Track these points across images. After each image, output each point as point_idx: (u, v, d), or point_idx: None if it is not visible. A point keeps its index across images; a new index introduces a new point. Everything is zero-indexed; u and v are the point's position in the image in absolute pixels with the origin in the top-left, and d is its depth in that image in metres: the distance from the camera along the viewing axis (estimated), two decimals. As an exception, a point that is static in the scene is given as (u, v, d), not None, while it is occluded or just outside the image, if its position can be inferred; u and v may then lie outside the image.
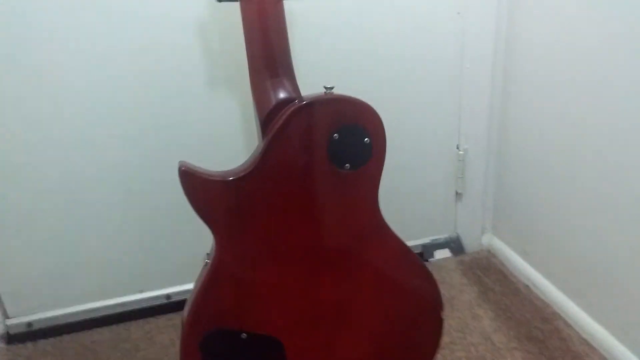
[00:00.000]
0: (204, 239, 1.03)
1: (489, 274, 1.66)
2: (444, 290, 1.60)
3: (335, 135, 0.95)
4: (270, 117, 0.95)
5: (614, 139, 1.19)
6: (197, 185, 0.92)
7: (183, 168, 0.91)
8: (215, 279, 0.97)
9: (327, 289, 1.03)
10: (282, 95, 0.95)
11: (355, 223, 1.02)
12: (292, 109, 0.92)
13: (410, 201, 1.66)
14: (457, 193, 1.70)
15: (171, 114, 1.37)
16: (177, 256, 1.53)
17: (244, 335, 1.01)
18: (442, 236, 1.76)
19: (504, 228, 1.71)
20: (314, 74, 1.36)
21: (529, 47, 1.43)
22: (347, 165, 0.97)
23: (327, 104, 0.93)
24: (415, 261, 1.10)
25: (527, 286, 1.59)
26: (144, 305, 1.57)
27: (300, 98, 0.94)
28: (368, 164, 0.98)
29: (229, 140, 1.44)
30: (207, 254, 1.03)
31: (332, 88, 0.96)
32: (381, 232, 1.04)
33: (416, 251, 1.70)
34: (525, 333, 1.40)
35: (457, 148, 1.63)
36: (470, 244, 1.76)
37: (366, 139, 0.97)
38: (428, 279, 1.12)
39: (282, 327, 1.03)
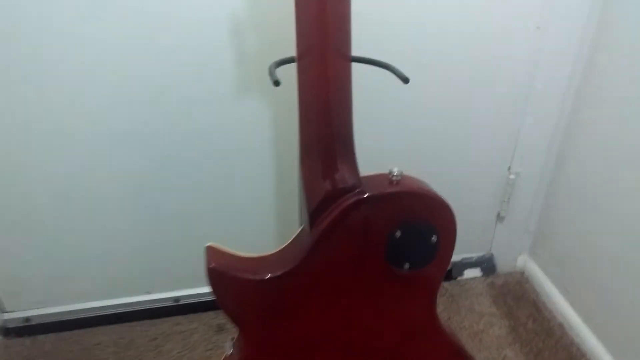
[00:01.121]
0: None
1: (521, 304, 1.55)
2: (471, 320, 1.49)
3: (397, 232, 0.78)
4: (323, 206, 0.78)
5: None
6: (228, 286, 0.78)
7: (212, 265, 0.76)
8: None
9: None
10: (339, 183, 0.77)
11: (406, 323, 0.88)
12: (350, 202, 0.76)
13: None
14: (499, 215, 1.55)
15: (193, 117, 1.21)
16: (188, 259, 1.41)
17: None
18: (474, 254, 1.62)
19: (542, 254, 1.59)
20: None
21: (610, 76, 1.23)
22: (406, 265, 0.81)
23: (393, 199, 0.76)
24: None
25: (561, 325, 1.47)
26: (151, 306, 1.46)
27: (361, 187, 0.77)
28: (431, 264, 0.82)
29: (257, 148, 1.28)
30: (232, 338, 0.89)
31: (399, 175, 0.78)
32: (433, 332, 0.90)
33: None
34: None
35: (509, 170, 1.45)
36: (503, 264, 1.64)
37: (433, 238, 0.80)
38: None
39: None
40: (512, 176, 1.47)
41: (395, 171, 0.79)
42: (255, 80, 1.18)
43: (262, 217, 1.39)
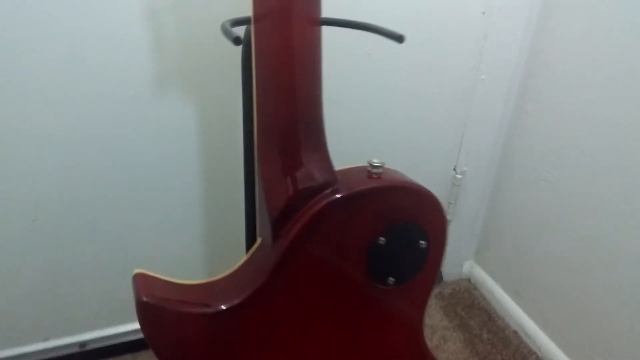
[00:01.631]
0: (126, 274, 0.70)
1: (472, 314, 1.43)
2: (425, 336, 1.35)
3: (380, 239, 0.62)
4: (289, 211, 0.60)
5: (626, 181, 1.04)
6: (167, 324, 0.57)
7: (145, 299, 0.55)
8: None
9: None
10: (309, 181, 0.59)
11: (389, 348, 0.71)
12: (324, 203, 0.58)
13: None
14: (444, 219, 1.43)
15: (98, 120, 0.98)
16: (96, 293, 1.16)
17: None
18: (419, 264, 1.49)
19: (489, 258, 1.49)
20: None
21: (555, 65, 1.17)
22: (390, 279, 0.65)
23: (375, 197, 0.60)
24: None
25: (516, 332, 1.37)
26: (52, 355, 1.20)
27: (336, 184, 0.60)
28: (419, 275, 0.66)
29: (180, 157, 1.07)
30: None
31: (381, 166, 0.62)
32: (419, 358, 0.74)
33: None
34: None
35: (454, 170, 1.34)
36: (449, 272, 1.53)
37: (422, 242, 0.65)
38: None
39: None
40: (458, 176, 1.35)
41: (376, 162, 0.63)
42: (176, 72, 0.98)
43: (191, 237, 1.17)
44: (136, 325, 1.21)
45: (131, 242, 1.12)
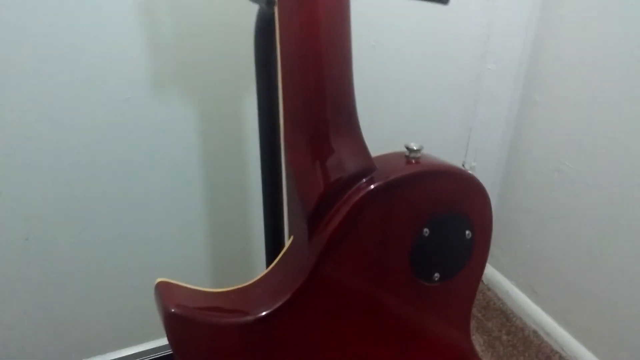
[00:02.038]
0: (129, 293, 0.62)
1: (489, 315, 1.38)
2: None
3: (425, 230, 0.56)
4: (325, 203, 0.53)
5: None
6: (199, 336, 0.50)
7: (173, 309, 0.49)
8: None
9: None
10: (346, 168, 0.53)
11: (435, 351, 0.64)
12: (365, 192, 0.52)
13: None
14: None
15: (89, 122, 0.90)
16: (93, 318, 1.08)
17: None
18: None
19: (502, 257, 1.44)
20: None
21: (560, 53, 1.13)
22: (435, 275, 0.59)
23: (419, 182, 0.54)
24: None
25: (535, 332, 1.32)
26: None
27: (373, 171, 0.54)
28: (465, 269, 0.60)
29: (180, 159, 1.00)
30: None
31: (419, 150, 0.56)
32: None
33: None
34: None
35: (463, 166, 1.29)
36: (460, 274, 1.46)
37: (467, 233, 0.59)
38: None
39: None
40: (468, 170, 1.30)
41: (414, 146, 0.57)
42: (174, 70, 0.92)
43: (193, 244, 1.10)
44: (138, 349, 1.14)
45: (130, 253, 1.04)
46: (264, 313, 0.52)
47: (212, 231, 1.09)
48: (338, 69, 0.52)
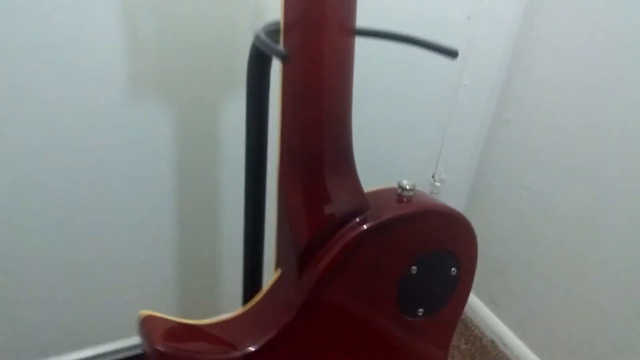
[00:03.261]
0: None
1: (449, 324, 1.40)
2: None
3: (413, 268, 0.56)
4: (318, 239, 0.53)
5: (609, 190, 1.04)
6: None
7: (159, 347, 0.48)
8: None
9: None
10: (341, 207, 0.53)
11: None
12: (360, 231, 0.52)
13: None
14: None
15: (53, 130, 0.86)
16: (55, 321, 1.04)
17: None
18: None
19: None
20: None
21: (536, 72, 1.16)
22: (420, 310, 0.60)
23: (411, 222, 0.54)
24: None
25: (492, 342, 1.35)
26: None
27: (367, 210, 0.54)
28: (448, 304, 0.61)
29: (154, 169, 0.96)
30: None
31: (412, 189, 0.56)
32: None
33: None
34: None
35: (433, 178, 1.30)
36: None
37: (453, 270, 0.60)
38: None
39: None
40: (437, 183, 1.32)
41: (406, 184, 0.57)
42: (151, 78, 0.89)
43: (163, 264, 1.08)
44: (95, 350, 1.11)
45: (98, 265, 1.01)
46: (252, 349, 0.52)
47: (184, 246, 1.07)
48: (338, 111, 0.52)
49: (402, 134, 1.20)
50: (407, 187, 0.57)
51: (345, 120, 0.52)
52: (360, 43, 0.81)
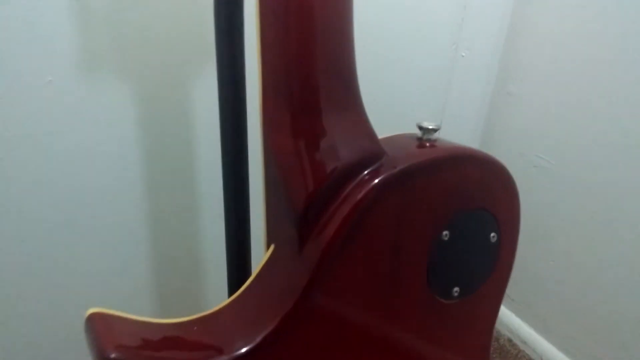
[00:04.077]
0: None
1: (461, 325, 1.26)
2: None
3: (444, 233, 0.43)
4: (321, 198, 0.39)
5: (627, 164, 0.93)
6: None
7: (113, 355, 0.33)
8: None
9: None
10: (348, 152, 0.39)
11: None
12: (373, 184, 0.39)
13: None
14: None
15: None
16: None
17: None
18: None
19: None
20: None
21: (536, 41, 1.05)
22: (455, 289, 0.46)
23: (439, 171, 0.41)
24: None
25: (510, 340, 1.22)
26: None
27: (382, 157, 0.40)
28: (488, 281, 0.48)
29: (113, 157, 0.82)
30: None
31: (436, 130, 0.43)
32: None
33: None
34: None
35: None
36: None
37: (493, 235, 0.46)
38: None
39: None
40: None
41: (429, 124, 0.44)
42: (106, 48, 0.75)
43: (133, 256, 0.93)
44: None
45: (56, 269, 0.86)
46: (243, 350, 0.37)
47: (154, 238, 0.92)
48: (335, 16, 0.38)
49: (397, 113, 1.07)
50: (430, 127, 0.43)
51: (344, 32, 0.38)
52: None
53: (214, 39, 0.52)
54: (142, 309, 0.95)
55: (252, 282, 0.42)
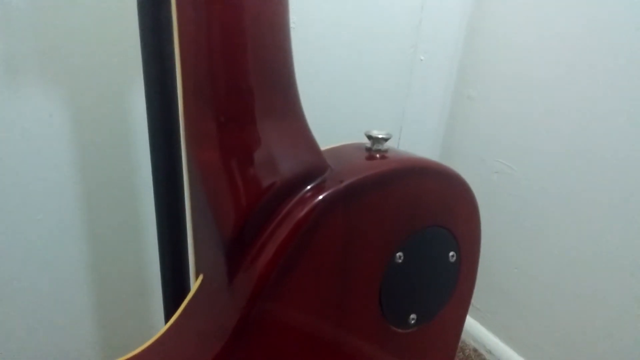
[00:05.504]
0: None
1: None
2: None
3: (398, 255, 0.38)
4: (254, 220, 0.34)
5: (590, 170, 0.91)
6: None
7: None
8: None
9: None
10: (286, 166, 0.34)
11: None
12: (315, 202, 0.33)
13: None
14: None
15: None
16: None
17: None
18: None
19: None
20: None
21: (495, 42, 1.01)
22: (412, 316, 0.41)
23: (390, 185, 0.36)
24: None
25: (476, 350, 1.18)
26: None
27: (326, 171, 0.35)
28: (448, 304, 0.43)
29: (43, 168, 0.74)
30: None
31: (387, 139, 0.38)
32: None
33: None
34: None
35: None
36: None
37: (452, 254, 0.41)
38: None
39: None
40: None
41: (379, 134, 0.38)
42: (31, 52, 0.68)
43: (71, 272, 0.86)
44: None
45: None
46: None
47: (93, 258, 0.85)
48: (268, 5, 0.33)
49: (356, 118, 1.02)
50: (380, 137, 0.38)
51: (279, 20, 0.33)
52: (308, 12, 0.64)
53: (139, 38, 0.46)
54: (84, 335, 0.88)
55: (175, 323, 0.36)
